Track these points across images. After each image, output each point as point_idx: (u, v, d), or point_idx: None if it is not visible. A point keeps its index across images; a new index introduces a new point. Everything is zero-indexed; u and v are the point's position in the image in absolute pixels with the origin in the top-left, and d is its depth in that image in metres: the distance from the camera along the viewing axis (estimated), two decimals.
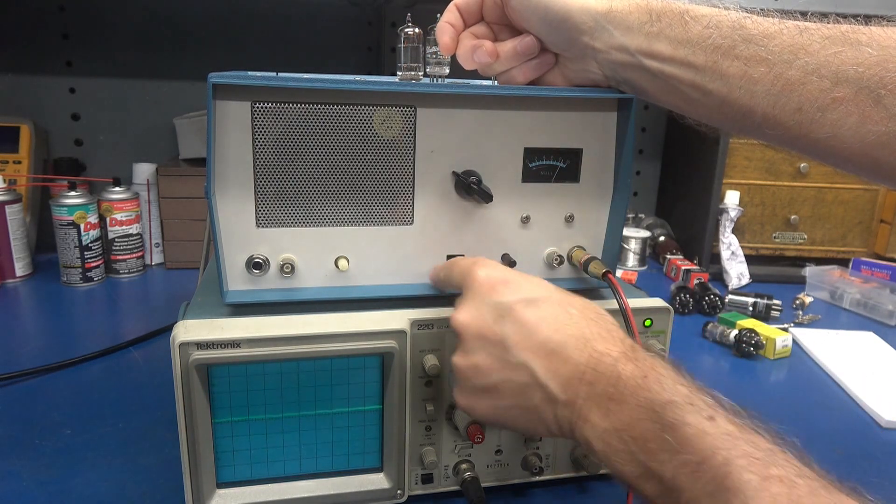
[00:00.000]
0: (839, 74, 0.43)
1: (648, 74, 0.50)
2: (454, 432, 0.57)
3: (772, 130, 0.47)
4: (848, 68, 0.43)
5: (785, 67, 0.44)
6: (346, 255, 0.55)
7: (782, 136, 0.47)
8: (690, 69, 0.48)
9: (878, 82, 0.42)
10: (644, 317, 0.58)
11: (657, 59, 0.49)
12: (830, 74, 0.43)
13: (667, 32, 0.48)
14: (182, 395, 0.49)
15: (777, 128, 0.46)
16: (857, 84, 0.43)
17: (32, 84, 1.33)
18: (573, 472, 0.61)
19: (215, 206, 0.51)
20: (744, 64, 0.46)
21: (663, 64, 0.49)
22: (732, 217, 1.32)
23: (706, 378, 0.90)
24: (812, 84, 0.44)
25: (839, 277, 1.27)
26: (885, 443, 0.74)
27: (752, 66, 0.45)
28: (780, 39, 0.45)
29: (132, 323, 0.99)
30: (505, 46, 0.54)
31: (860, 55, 0.42)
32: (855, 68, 0.42)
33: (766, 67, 0.45)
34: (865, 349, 1.00)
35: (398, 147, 0.54)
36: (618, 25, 0.49)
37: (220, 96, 0.49)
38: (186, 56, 1.38)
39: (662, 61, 0.49)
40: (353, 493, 0.55)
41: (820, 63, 0.43)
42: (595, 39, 0.51)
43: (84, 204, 1.14)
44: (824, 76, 0.43)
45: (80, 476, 0.61)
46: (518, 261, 0.58)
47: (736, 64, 0.46)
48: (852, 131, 0.44)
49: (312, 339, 0.51)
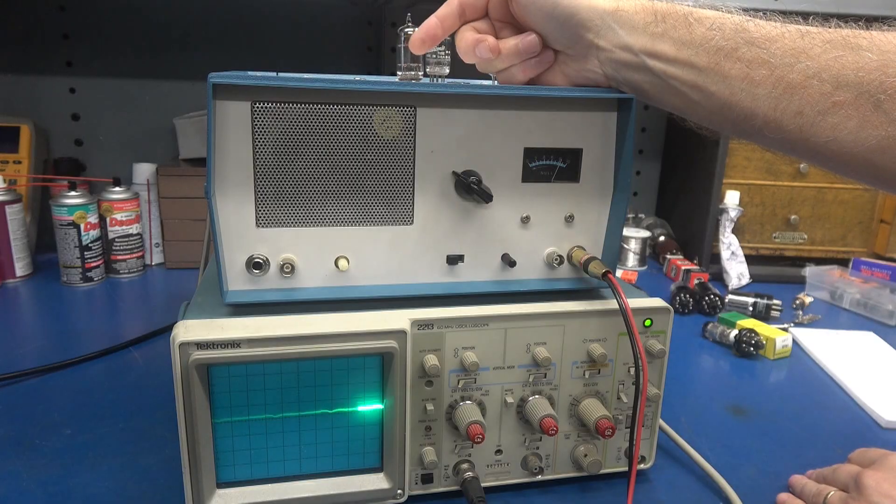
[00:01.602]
0: (839, 79, 0.43)
1: (651, 75, 0.50)
2: (454, 432, 0.57)
3: (773, 134, 0.47)
4: (848, 73, 0.43)
5: (786, 71, 0.45)
6: (346, 255, 0.55)
7: (783, 140, 0.48)
8: (693, 70, 0.48)
9: (878, 87, 0.42)
10: (644, 317, 0.58)
11: (661, 60, 0.49)
12: (831, 78, 0.44)
13: (671, 33, 0.48)
14: (182, 395, 0.49)
15: (778, 131, 0.47)
16: (858, 88, 0.43)
17: (32, 84, 1.33)
18: (573, 472, 0.61)
19: (215, 206, 0.51)
20: (746, 66, 0.46)
21: (666, 64, 0.49)
22: (732, 217, 1.32)
23: (706, 378, 0.90)
24: (813, 88, 0.44)
25: (839, 277, 1.27)
26: (885, 443, 0.74)
27: (753, 68, 0.46)
28: (782, 43, 0.45)
29: (132, 323, 0.99)
30: (507, 43, 0.54)
31: (860, 60, 0.43)
32: (855, 73, 0.43)
33: (768, 70, 0.45)
34: (865, 349, 1.00)
35: (398, 147, 0.54)
36: (623, 24, 0.50)
37: (220, 96, 0.49)
38: (186, 56, 1.38)
39: (666, 62, 0.49)
40: (353, 493, 0.55)
41: (821, 67, 0.44)
42: (600, 38, 0.51)
43: (84, 204, 1.14)
44: (825, 80, 0.44)
45: (80, 476, 0.61)
46: (518, 261, 0.59)
47: (738, 66, 0.46)
48: (852, 136, 0.44)
49: (312, 339, 0.51)
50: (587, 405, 0.58)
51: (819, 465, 0.64)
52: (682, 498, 0.61)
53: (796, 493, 0.61)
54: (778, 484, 0.64)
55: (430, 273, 0.57)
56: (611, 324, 0.58)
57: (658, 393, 0.60)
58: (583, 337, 0.58)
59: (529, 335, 0.56)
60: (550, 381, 0.58)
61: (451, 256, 0.57)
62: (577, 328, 0.57)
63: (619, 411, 0.61)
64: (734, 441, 0.72)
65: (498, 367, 0.56)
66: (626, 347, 0.59)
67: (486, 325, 0.55)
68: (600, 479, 0.63)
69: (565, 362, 0.58)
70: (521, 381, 0.57)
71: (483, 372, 0.56)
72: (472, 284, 0.58)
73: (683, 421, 0.75)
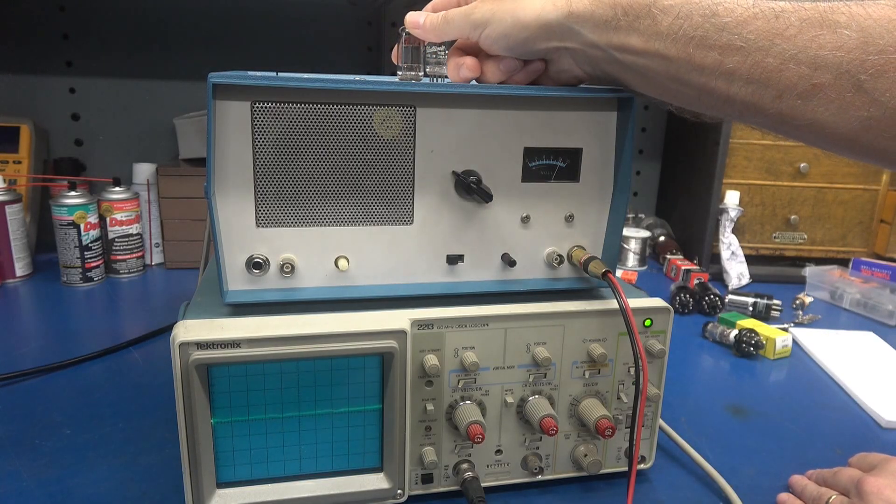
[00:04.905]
0: (818, 60, 0.41)
1: (624, 67, 0.49)
2: (454, 432, 0.57)
3: (753, 118, 0.46)
4: (826, 53, 0.41)
5: (761, 55, 0.43)
6: (346, 254, 0.55)
7: (764, 123, 0.46)
8: (664, 61, 0.46)
9: (859, 66, 0.40)
10: (644, 317, 0.58)
11: (630, 53, 0.48)
12: (809, 60, 0.41)
13: (635, 26, 0.46)
14: (182, 395, 0.49)
15: (758, 115, 0.45)
16: (837, 69, 0.41)
17: (32, 84, 1.33)
18: (573, 472, 0.61)
19: (215, 206, 0.51)
20: (718, 54, 0.44)
21: (636, 57, 0.48)
22: (732, 217, 1.32)
23: (706, 378, 0.90)
24: (790, 71, 0.42)
25: (839, 277, 1.27)
26: (885, 443, 0.74)
27: (726, 55, 0.44)
28: (755, 25, 0.43)
29: (132, 323, 0.99)
30: (488, 67, 0.55)
31: (839, 39, 0.40)
32: (834, 53, 0.41)
33: (742, 56, 0.43)
34: (865, 349, 1.00)
35: (398, 147, 0.54)
36: (583, 24, 0.48)
37: (220, 96, 0.49)
38: (186, 56, 1.38)
39: (635, 55, 0.47)
40: (353, 493, 0.55)
41: (797, 48, 0.42)
42: (565, 41, 0.50)
43: (84, 204, 1.14)
44: (802, 62, 0.42)
45: (80, 476, 0.61)
46: (518, 260, 0.58)
47: (711, 55, 0.44)
48: (835, 116, 0.42)
49: (312, 339, 0.51)
50: (587, 405, 0.58)
51: (819, 466, 0.64)
52: (682, 498, 0.61)
53: (796, 494, 0.61)
54: (778, 484, 0.64)
55: (430, 273, 0.57)
56: (611, 324, 0.58)
57: (658, 393, 0.60)
58: (583, 337, 0.58)
59: (529, 335, 0.56)
60: (550, 381, 0.58)
61: (451, 256, 0.57)
62: (577, 328, 0.57)
63: (619, 411, 0.61)
64: (734, 441, 0.72)
65: (498, 367, 0.56)
66: (626, 347, 0.59)
67: (486, 325, 0.55)
68: (600, 479, 0.63)
69: (565, 362, 0.58)
70: (521, 381, 0.57)
71: (483, 372, 0.56)
72: (472, 284, 0.58)
73: (683, 421, 0.75)
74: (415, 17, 0.56)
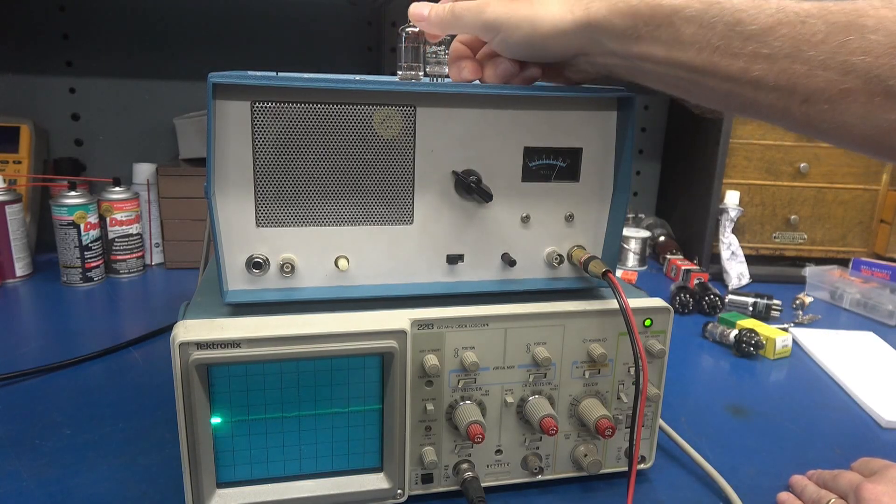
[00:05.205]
0: (846, 65, 0.41)
1: (643, 73, 0.49)
2: (454, 432, 0.57)
3: (779, 121, 0.46)
4: (855, 59, 0.40)
5: (788, 62, 0.42)
6: (346, 254, 0.55)
7: (790, 126, 0.46)
8: (688, 70, 0.46)
9: (889, 71, 0.40)
10: (644, 317, 0.58)
11: (651, 62, 0.47)
12: (837, 65, 0.41)
13: (657, 35, 0.46)
14: (182, 395, 0.49)
15: (784, 119, 0.45)
16: (866, 74, 0.40)
17: (32, 84, 1.33)
18: (573, 472, 0.61)
19: (215, 205, 0.51)
20: (744, 62, 0.44)
21: (657, 66, 0.47)
22: (732, 217, 1.32)
23: (706, 378, 0.90)
24: (818, 77, 0.42)
25: (839, 277, 1.27)
26: (885, 443, 0.74)
27: (752, 63, 0.43)
28: (781, 32, 0.42)
29: (132, 323, 0.99)
30: (488, 70, 0.54)
31: (867, 44, 0.40)
32: (862, 58, 0.40)
33: (768, 63, 0.43)
34: (865, 349, 1.00)
35: (398, 146, 0.54)
36: (604, 34, 0.48)
37: (220, 96, 0.49)
38: (186, 56, 1.38)
39: (657, 63, 0.47)
40: (353, 493, 0.55)
41: (825, 55, 0.41)
42: (585, 49, 0.50)
43: (84, 204, 1.14)
44: (831, 67, 0.41)
45: (80, 476, 0.61)
46: (518, 260, 0.58)
47: (736, 63, 0.44)
48: (863, 120, 0.42)
49: (312, 339, 0.51)
50: (587, 405, 0.58)
51: (819, 466, 0.64)
52: (682, 498, 0.61)
53: (796, 494, 0.61)
54: (778, 484, 0.64)
55: (430, 273, 0.57)
56: (611, 324, 0.58)
57: (658, 393, 0.60)
58: (583, 337, 0.58)
59: (529, 335, 0.56)
60: (550, 381, 0.58)
61: (451, 256, 0.57)
62: (577, 328, 0.57)
63: (619, 411, 0.61)
64: (734, 441, 0.72)
65: (498, 367, 0.56)
66: (626, 347, 0.59)
67: (486, 325, 0.55)
68: (600, 479, 0.63)
69: (565, 362, 0.58)
70: (521, 381, 0.57)
71: (483, 372, 0.56)
72: (472, 284, 0.58)
73: (683, 421, 0.75)
74: (419, 8, 0.55)
